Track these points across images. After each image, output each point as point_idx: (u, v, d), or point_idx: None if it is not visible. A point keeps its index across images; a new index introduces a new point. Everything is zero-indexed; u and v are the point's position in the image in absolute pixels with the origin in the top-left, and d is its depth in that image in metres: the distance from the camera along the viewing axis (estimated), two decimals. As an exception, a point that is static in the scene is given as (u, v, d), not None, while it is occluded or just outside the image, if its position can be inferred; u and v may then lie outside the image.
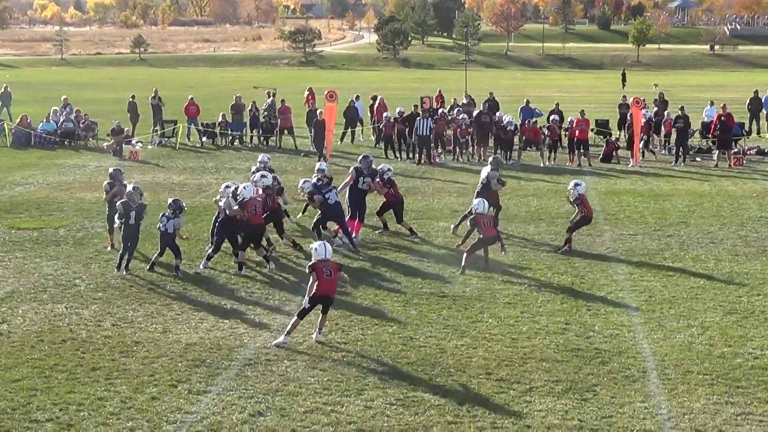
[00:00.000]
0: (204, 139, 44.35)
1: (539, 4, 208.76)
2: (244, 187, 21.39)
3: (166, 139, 44.71)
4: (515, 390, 14.30)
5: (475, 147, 39.29)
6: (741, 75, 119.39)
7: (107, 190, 22.91)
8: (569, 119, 39.10)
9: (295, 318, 16.49)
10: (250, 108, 44.58)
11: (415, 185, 32.78)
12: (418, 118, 38.11)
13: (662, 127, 41.24)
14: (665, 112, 41.90)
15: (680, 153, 38.45)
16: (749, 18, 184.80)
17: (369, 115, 46.56)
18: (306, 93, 51.27)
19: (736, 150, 39.38)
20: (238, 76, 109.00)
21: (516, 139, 39.42)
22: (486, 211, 22.09)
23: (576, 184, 23.10)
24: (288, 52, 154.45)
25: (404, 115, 39.71)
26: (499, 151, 38.59)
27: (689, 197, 30.78)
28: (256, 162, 26.47)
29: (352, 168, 24.94)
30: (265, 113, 44.60)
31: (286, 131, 43.51)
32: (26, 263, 21.93)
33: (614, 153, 39.02)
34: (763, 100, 47.85)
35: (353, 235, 23.89)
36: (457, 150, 39.21)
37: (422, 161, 37.96)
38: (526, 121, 40.08)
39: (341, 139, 44.17)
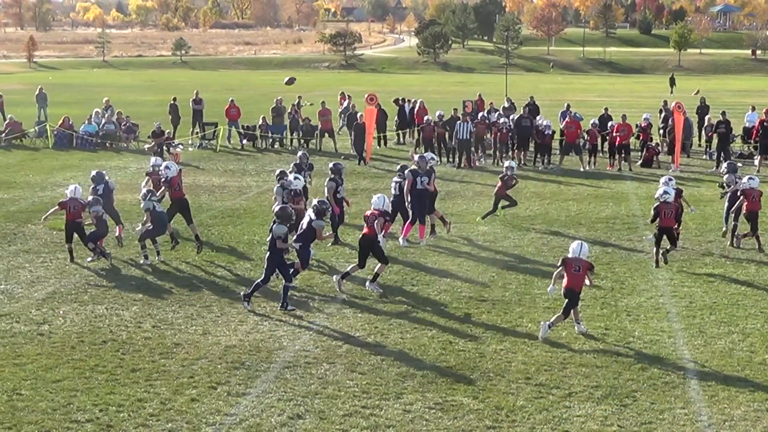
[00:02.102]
0: (244, 141, 44.52)
1: (580, 8, 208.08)
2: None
3: (206, 142, 44.91)
4: (554, 395, 14.26)
5: (516, 151, 39.19)
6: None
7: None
8: (609, 124, 38.90)
9: (560, 314, 17.26)
10: (289, 110, 44.71)
11: (455, 189, 32.75)
12: (458, 122, 38.09)
13: (703, 132, 41.13)
14: (706, 117, 41.72)
15: (721, 158, 38.18)
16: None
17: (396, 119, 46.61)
18: (339, 96, 51.14)
19: (778, 155, 39.02)
20: (278, 79, 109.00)
21: (555, 144, 39.28)
22: (672, 201, 22.31)
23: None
24: (328, 55, 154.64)
25: (444, 119, 39.69)
26: (537, 156, 38.52)
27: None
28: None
29: (407, 171, 24.78)
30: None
31: (326, 134, 43.58)
32: (67, 264, 22.12)
33: (655, 158, 38.84)
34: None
35: (402, 236, 24.32)
36: (497, 154, 39.14)
37: (462, 165, 37.92)
38: (569, 113, 39.75)
39: (379, 144, 44.12)
